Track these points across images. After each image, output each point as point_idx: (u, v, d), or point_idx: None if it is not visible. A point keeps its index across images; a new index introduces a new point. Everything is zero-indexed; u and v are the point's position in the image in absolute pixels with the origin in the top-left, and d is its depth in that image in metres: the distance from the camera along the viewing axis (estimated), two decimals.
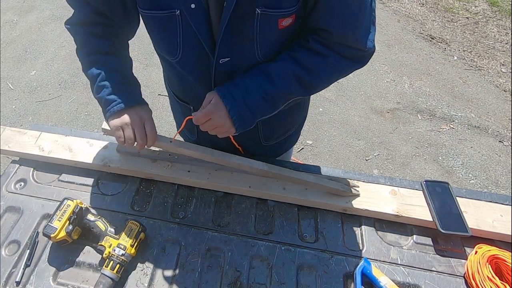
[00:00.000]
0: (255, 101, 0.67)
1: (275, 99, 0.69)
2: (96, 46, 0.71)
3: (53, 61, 2.81)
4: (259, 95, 0.66)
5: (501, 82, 2.67)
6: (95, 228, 0.76)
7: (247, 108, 0.67)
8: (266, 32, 0.63)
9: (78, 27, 0.71)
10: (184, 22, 0.62)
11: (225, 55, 0.66)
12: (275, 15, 0.60)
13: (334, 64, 0.67)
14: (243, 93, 0.66)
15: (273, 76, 0.66)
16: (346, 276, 0.74)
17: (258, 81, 0.67)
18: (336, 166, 2.10)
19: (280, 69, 0.67)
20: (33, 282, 0.72)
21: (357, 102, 2.48)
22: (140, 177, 0.91)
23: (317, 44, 0.66)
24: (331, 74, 0.70)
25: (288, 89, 0.68)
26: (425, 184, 0.87)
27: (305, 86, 0.69)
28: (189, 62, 0.71)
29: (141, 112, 0.71)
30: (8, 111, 2.39)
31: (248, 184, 0.86)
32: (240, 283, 0.72)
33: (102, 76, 0.69)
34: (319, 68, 0.67)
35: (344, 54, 0.67)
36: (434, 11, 3.43)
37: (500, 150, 2.19)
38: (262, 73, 0.67)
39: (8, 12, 3.38)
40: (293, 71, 0.66)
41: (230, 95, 0.66)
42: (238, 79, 0.68)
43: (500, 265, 0.73)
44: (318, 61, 0.67)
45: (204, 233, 0.81)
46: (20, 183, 0.90)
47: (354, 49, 0.66)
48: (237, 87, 0.67)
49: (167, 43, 0.69)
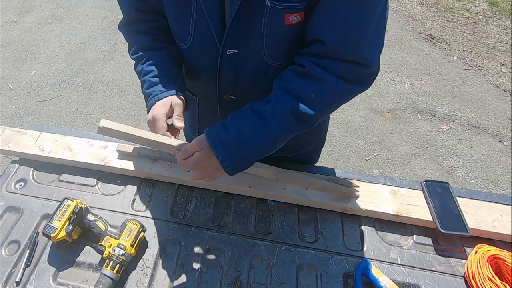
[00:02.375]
0: (250, 149, 0.60)
1: (273, 142, 0.62)
2: (140, 43, 0.74)
3: (53, 61, 2.81)
4: (254, 142, 0.60)
5: (501, 82, 2.67)
6: (95, 228, 0.76)
7: (241, 157, 0.61)
8: (274, 28, 0.61)
9: (127, 27, 0.76)
10: (199, 7, 0.62)
11: (233, 46, 0.65)
12: (282, 9, 0.58)
13: (334, 89, 0.61)
14: (236, 141, 0.59)
15: (269, 117, 0.60)
16: (346, 276, 0.74)
17: (252, 125, 0.60)
18: (336, 166, 2.10)
19: (275, 108, 0.60)
20: (33, 282, 0.72)
21: (357, 102, 2.48)
22: (140, 177, 0.91)
23: (314, 68, 0.60)
24: (332, 101, 0.63)
25: (287, 129, 0.61)
26: (425, 184, 0.87)
27: (305, 120, 0.61)
28: (198, 50, 0.71)
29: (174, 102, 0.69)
30: (8, 111, 2.39)
31: (248, 184, 0.86)
32: (240, 283, 0.72)
33: (143, 72, 0.72)
34: (317, 96, 0.60)
35: (345, 75, 0.60)
36: (434, 11, 3.43)
37: (500, 150, 2.19)
38: (256, 114, 0.60)
39: (8, 12, 3.38)
40: (290, 108, 0.59)
41: (221, 143, 0.60)
42: (230, 121, 0.62)
43: (500, 265, 0.73)
44: (316, 88, 0.60)
45: (204, 233, 0.81)
46: (20, 183, 0.90)
47: (356, 64, 0.60)
48: (229, 133, 0.60)
49: (180, 28, 0.69)
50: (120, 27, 0.77)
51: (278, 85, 0.63)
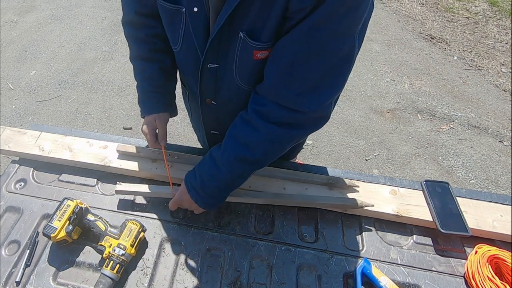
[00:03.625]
0: (213, 189, 0.72)
1: (231, 182, 0.73)
2: (137, 51, 0.80)
3: (53, 61, 2.81)
4: (213, 184, 0.72)
5: (501, 82, 2.67)
6: (95, 228, 0.76)
7: (209, 196, 0.73)
8: (244, 58, 0.64)
9: (128, 28, 0.78)
10: (187, 21, 0.65)
11: (213, 61, 0.68)
12: (251, 45, 0.60)
13: (268, 137, 0.65)
14: (200, 184, 0.72)
15: (219, 163, 0.70)
16: (346, 276, 0.74)
17: (209, 171, 0.71)
18: (336, 166, 2.10)
19: (223, 155, 0.69)
20: (33, 282, 0.72)
21: (357, 102, 2.48)
22: (140, 177, 0.91)
23: (253, 115, 0.65)
24: (270, 147, 0.67)
25: (236, 173, 0.71)
26: (425, 184, 0.87)
27: (252, 163, 0.69)
28: (185, 56, 0.75)
29: (158, 120, 0.81)
30: (8, 111, 2.39)
31: (248, 184, 0.86)
32: (240, 283, 0.72)
33: (138, 83, 0.83)
34: (255, 144, 0.66)
35: (281, 120, 0.63)
36: (434, 11, 3.43)
37: (500, 150, 2.19)
38: (212, 161, 0.71)
39: (8, 12, 3.37)
40: (235, 155, 0.67)
41: (192, 187, 0.74)
42: (197, 168, 0.75)
43: (500, 265, 0.73)
44: (253, 136, 0.65)
45: (204, 233, 0.81)
46: (20, 183, 0.90)
47: (292, 110, 0.62)
48: (195, 178, 0.73)
49: (171, 34, 0.72)
50: (123, 23, 0.80)
51: (229, 131, 0.71)
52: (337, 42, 0.54)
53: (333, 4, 0.49)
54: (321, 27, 0.52)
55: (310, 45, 0.55)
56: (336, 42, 0.54)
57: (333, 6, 0.49)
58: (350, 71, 0.61)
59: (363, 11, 0.53)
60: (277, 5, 0.53)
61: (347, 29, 0.54)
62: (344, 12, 0.51)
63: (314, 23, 0.52)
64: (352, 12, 0.51)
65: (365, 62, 2.79)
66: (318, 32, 0.53)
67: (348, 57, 0.58)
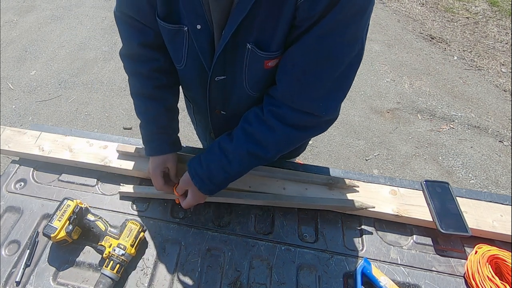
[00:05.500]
0: (220, 179, 0.72)
1: (239, 173, 0.73)
2: (140, 88, 0.76)
3: (53, 61, 2.81)
4: (221, 174, 0.71)
5: (501, 82, 2.67)
6: (95, 228, 0.76)
7: (214, 185, 0.73)
8: (254, 68, 0.64)
9: (129, 61, 0.75)
10: (190, 38, 0.65)
11: (221, 74, 0.68)
12: (261, 56, 0.60)
13: (284, 138, 0.67)
14: (208, 174, 0.72)
15: (230, 156, 0.69)
16: (346, 276, 0.74)
17: (218, 162, 0.71)
18: (336, 166, 2.10)
19: (235, 149, 0.69)
20: (33, 282, 0.72)
21: (357, 102, 2.48)
22: (140, 177, 0.91)
23: (270, 116, 0.65)
24: (284, 146, 0.69)
25: (247, 166, 0.72)
26: (425, 184, 0.87)
27: (262, 158, 0.70)
28: (190, 73, 0.74)
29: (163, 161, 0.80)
30: (8, 111, 2.39)
31: (248, 184, 0.86)
32: (240, 283, 0.72)
33: (142, 123, 0.80)
34: (270, 143, 0.67)
35: (297, 123, 0.65)
36: (434, 11, 3.43)
37: (500, 150, 2.19)
38: (222, 152, 0.70)
39: (8, 12, 3.37)
40: (247, 149, 0.68)
41: (197, 175, 0.72)
42: (203, 157, 0.73)
43: (500, 265, 0.73)
44: (269, 136, 0.66)
45: (204, 233, 0.81)
46: (20, 183, 0.90)
47: (308, 114, 0.63)
48: (202, 167, 0.72)
49: (174, 53, 0.71)
50: (121, 56, 0.76)
51: (241, 125, 0.71)
52: (347, 47, 0.55)
53: (341, 11, 0.49)
54: (329, 34, 0.52)
55: (320, 53, 0.55)
56: (346, 47, 0.55)
57: (340, 13, 0.49)
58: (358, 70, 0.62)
59: (369, 13, 0.53)
60: (284, 15, 0.53)
61: (355, 33, 0.54)
62: (352, 17, 0.51)
63: (322, 31, 0.52)
64: (359, 16, 0.52)
65: (365, 62, 2.79)
66: (327, 40, 0.53)
67: (357, 58, 0.58)
